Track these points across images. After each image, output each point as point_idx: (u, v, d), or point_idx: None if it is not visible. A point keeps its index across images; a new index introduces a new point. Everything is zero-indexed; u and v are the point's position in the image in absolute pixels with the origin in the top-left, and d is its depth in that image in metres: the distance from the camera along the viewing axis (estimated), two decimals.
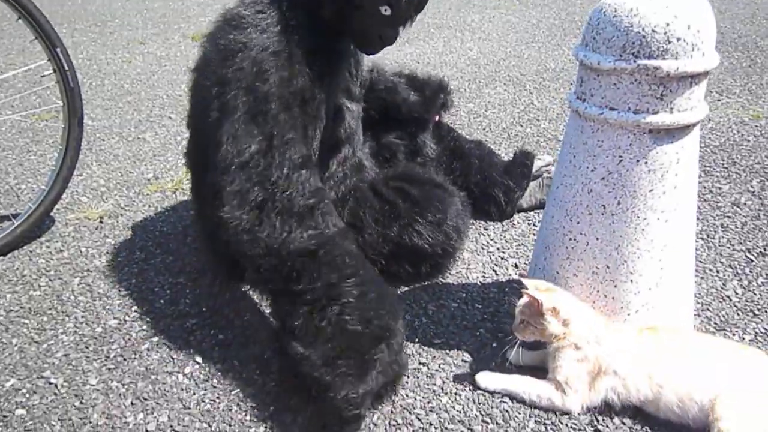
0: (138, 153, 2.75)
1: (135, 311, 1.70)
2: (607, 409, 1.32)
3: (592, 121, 1.33)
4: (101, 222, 2.18)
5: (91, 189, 2.42)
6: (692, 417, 1.23)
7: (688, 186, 1.36)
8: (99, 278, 1.86)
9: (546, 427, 1.30)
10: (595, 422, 1.30)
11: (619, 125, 1.29)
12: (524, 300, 1.36)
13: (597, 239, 1.39)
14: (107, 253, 1.99)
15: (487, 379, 1.41)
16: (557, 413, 1.33)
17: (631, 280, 1.39)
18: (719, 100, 3.13)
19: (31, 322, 1.67)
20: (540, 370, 1.41)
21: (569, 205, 1.42)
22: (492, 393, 1.38)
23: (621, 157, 1.31)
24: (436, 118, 2.10)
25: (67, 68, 1.99)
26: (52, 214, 2.18)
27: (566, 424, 1.30)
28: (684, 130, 1.30)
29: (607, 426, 1.29)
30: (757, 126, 2.80)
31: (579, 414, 1.32)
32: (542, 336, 1.35)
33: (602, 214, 1.37)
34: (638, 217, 1.34)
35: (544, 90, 3.42)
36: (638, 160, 1.30)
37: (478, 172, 2.07)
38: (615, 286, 1.40)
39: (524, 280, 1.39)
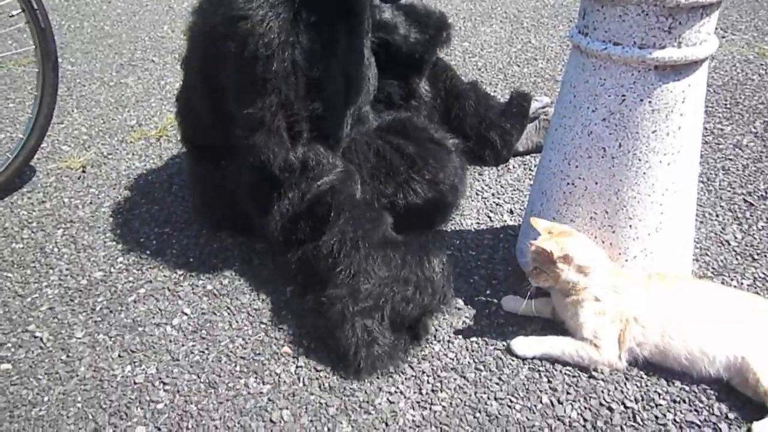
0: (120, 99, 2.64)
1: (121, 263, 1.66)
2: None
3: (595, 57, 1.25)
4: (84, 171, 2.10)
5: (73, 137, 2.33)
6: (699, 369, 1.22)
7: (693, 127, 1.30)
8: (83, 229, 1.81)
9: (539, 374, 1.28)
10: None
11: (623, 61, 1.21)
12: (533, 247, 1.29)
13: (596, 183, 1.33)
14: (91, 203, 1.93)
15: (523, 345, 1.33)
16: (552, 363, 1.31)
17: (630, 226, 1.35)
18: (723, 37, 3.01)
19: (15, 276, 1.63)
20: (544, 322, 1.39)
21: (568, 148, 1.36)
22: (531, 359, 1.32)
23: (624, 96, 1.24)
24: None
25: (36, 7, 1.87)
26: (32, 164, 2.11)
27: (560, 371, 1.29)
28: (691, 66, 1.22)
29: (602, 371, 1.28)
30: (762, 64, 2.70)
31: (624, 367, 1.27)
32: (556, 283, 1.28)
33: (602, 157, 1.31)
34: (639, 160, 1.29)
35: (543, 28, 3.28)
36: (642, 100, 1.23)
37: (474, 114, 2.00)
38: (613, 232, 1.36)
39: (536, 223, 1.32)
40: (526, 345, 1.33)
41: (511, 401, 1.23)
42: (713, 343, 1.20)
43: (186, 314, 1.47)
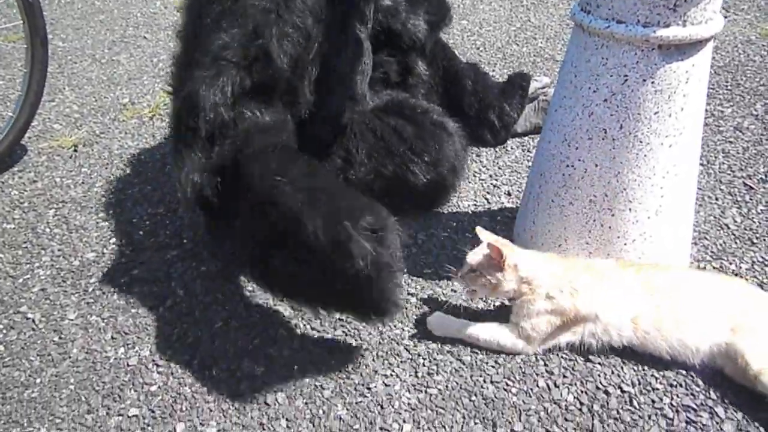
0: (112, 76, 2.59)
1: (113, 243, 1.64)
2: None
3: (597, 36, 1.22)
4: (76, 150, 2.07)
5: (64, 115, 2.29)
6: (684, 361, 1.21)
7: (696, 108, 1.27)
8: (75, 210, 1.78)
9: (536, 357, 1.28)
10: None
11: (626, 40, 1.18)
12: (483, 248, 1.26)
13: (596, 165, 1.31)
14: (83, 183, 1.90)
15: (437, 323, 1.32)
16: None
17: (630, 209, 1.33)
18: (725, 17, 2.97)
19: (6, 256, 1.61)
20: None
21: (568, 130, 1.34)
22: (442, 338, 1.30)
23: (626, 76, 1.21)
24: None
25: None
26: (23, 142, 2.07)
27: (557, 355, 1.28)
28: (696, 45, 1.19)
29: (599, 355, 1.27)
30: (764, 45, 2.66)
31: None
32: (492, 292, 1.26)
33: (603, 138, 1.28)
34: (641, 141, 1.26)
35: (542, 6, 3.22)
36: (644, 80, 1.20)
37: (472, 94, 1.97)
38: (612, 215, 1.34)
39: (480, 234, 1.29)
40: (439, 322, 1.31)
41: (507, 384, 1.22)
42: (693, 334, 1.19)
43: (179, 296, 1.46)
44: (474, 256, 1.28)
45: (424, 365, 1.27)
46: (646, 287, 1.24)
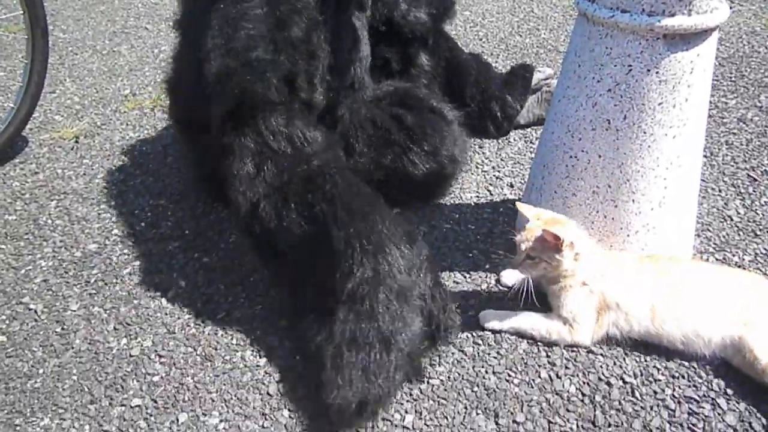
0: (113, 67, 2.58)
1: (115, 235, 1.64)
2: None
3: (601, 25, 1.21)
4: (77, 142, 2.07)
5: (65, 107, 2.28)
6: (695, 351, 1.21)
7: (700, 99, 1.26)
8: (77, 201, 1.78)
9: (538, 348, 1.28)
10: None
11: (630, 30, 1.17)
12: (535, 234, 1.21)
13: (599, 156, 1.30)
14: (84, 174, 1.90)
15: (492, 318, 1.31)
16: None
17: (633, 200, 1.32)
18: (730, 8, 2.94)
19: (8, 248, 1.61)
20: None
21: (571, 120, 1.33)
22: (499, 332, 1.30)
23: (630, 66, 1.20)
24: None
25: None
26: (24, 134, 2.07)
27: (559, 345, 1.28)
28: (701, 35, 1.18)
29: (600, 347, 1.27)
30: None
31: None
32: (554, 272, 1.23)
33: (606, 129, 1.28)
34: (645, 132, 1.26)
35: None
36: (649, 70, 1.20)
37: (475, 85, 1.95)
38: (615, 206, 1.34)
39: (523, 209, 1.27)
40: (494, 318, 1.31)
41: (509, 375, 1.22)
42: (708, 325, 1.19)
43: (181, 287, 1.46)
44: (526, 242, 1.22)
45: (426, 356, 1.27)
46: (664, 278, 1.24)
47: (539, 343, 1.29)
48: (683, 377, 1.20)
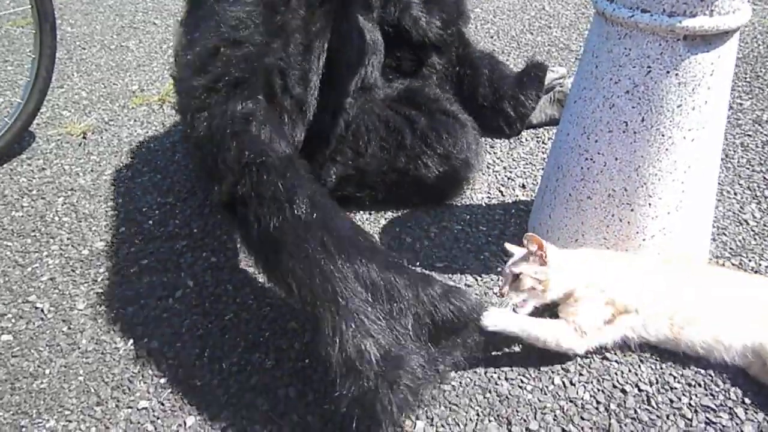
0: (121, 63, 2.57)
1: (122, 233, 1.62)
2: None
3: (620, 25, 1.18)
4: (84, 138, 2.05)
5: (73, 102, 2.27)
6: (714, 357, 1.18)
7: (720, 101, 1.24)
8: (84, 198, 1.76)
9: (552, 353, 1.25)
10: None
11: (650, 30, 1.14)
12: (519, 254, 1.22)
13: (616, 159, 1.28)
14: (92, 171, 1.88)
15: (494, 318, 1.23)
16: None
17: (650, 204, 1.30)
18: None
19: (14, 245, 1.59)
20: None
21: (587, 122, 1.30)
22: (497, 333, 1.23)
23: (650, 67, 1.18)
24: None
25: None
26: (32, 129, 2.06)
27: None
28: (722, 36, 1.15)
29: (615, 353, 1.25)
30: None
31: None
32: (543, 294, 1.20)
33: (623, 131, 1.25)
34: (663, 135, 1.23)
35: None
36: (668, 72, 1.17)
37: (487, 83, 1.93)
38: (632, 210, 1.31)
39: (510, 248, 1.26)
40: (497, 318, 1.20)
41: (522, 381, 1.20)
42: (728, 331, 1.16)
43: (189, 287, 1.44)
44: (512, 263, 1.23)
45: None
46: (682, 282, 1.21)
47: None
48: (700, 385, 1.18)
